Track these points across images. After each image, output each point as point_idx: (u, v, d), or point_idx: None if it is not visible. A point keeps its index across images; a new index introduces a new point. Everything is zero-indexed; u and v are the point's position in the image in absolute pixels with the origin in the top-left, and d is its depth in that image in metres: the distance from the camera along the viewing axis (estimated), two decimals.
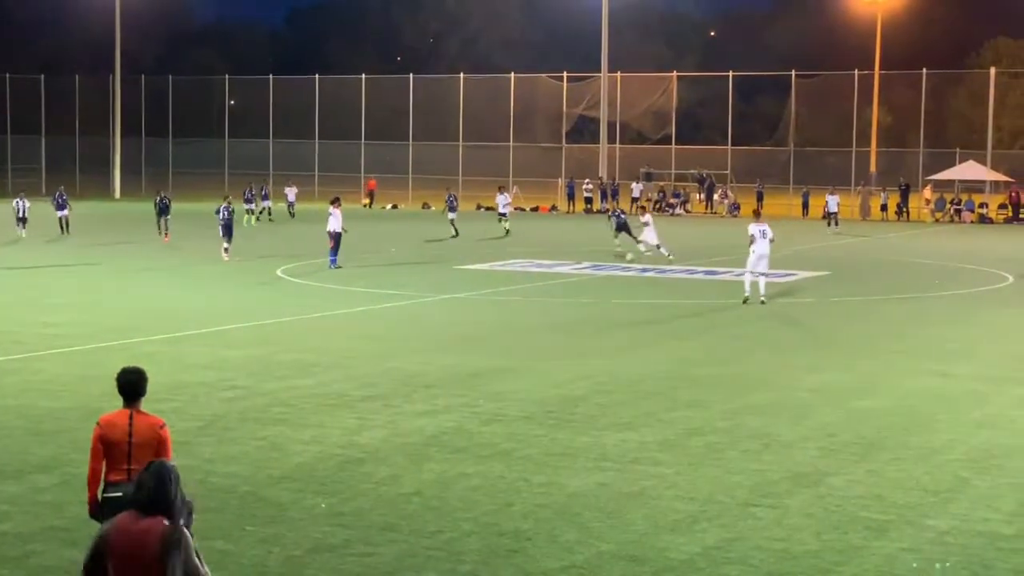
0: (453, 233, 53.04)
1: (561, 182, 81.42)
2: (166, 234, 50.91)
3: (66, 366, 22.02)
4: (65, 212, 53.63)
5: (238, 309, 30.12)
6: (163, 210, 52.23)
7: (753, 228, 31.13)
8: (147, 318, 28.06)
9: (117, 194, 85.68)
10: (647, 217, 45.17)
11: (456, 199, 57.33)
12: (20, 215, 52.37)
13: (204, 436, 16.74)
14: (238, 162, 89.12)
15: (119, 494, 9.48)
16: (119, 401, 9.97)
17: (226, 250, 41.74)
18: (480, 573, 11.47)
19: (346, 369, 22.00)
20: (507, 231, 54.12)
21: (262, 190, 65.22)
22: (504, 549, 12.13)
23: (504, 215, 56.32)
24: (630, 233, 44.64)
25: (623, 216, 46.34)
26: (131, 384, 9.88)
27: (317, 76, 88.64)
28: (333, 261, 39.62)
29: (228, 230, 42.12)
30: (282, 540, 12.34)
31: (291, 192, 68.66)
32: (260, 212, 63.13)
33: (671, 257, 42.51)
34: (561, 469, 15.18)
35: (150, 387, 10.01)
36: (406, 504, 13.68)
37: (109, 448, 9.76)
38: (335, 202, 41.16)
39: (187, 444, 16.12)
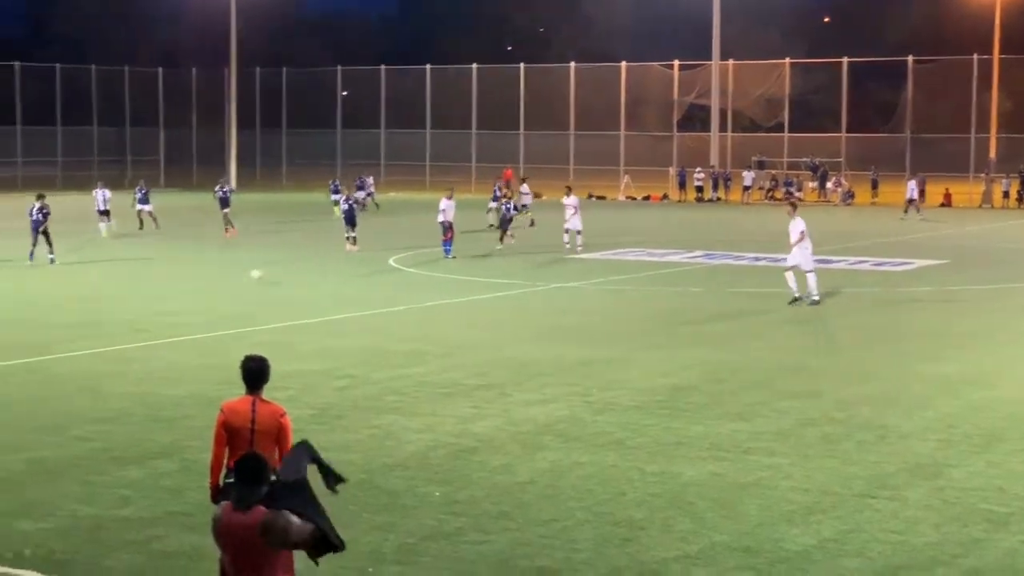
0: (491, 223, 51.48)
1: (672, 171, 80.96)
2: (227, 229, 48.46)
3: (184, 354, 22.37)
4: (148, 207, 50.69)
5: (351, 298, 30.39)
6: (224, 202, 49.53)
7: (803, 224, 29.75)
8: (261, 307, 28.41)
9: (232, 186, 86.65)
10: (571, 199, 43.13)
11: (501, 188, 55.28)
12: (101, 208, 47.89)
13: (318, 424, 16.91)
14: (351, 153, 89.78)
15: None
16: (236, 389, 10.12)
17: (350, 239, 41.64)
18: (594, 562, 11.47)
19: (459, 358, 22.10)
20: (532, 221, 52.90)
21: (358, 180, 65.12)
22: (618, 538, 12.11)
23: (526, 206, 55.28)
24: (505, 228, 43.42)
25: (511, 211, 44.07)
26: (255, 372, 9.96)
27: (428, 66, 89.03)
28: (447, 251, 39.77)
29: (350, 220, 42.17)
30: (396, 527, 12.43)
31: (369, 182, 68.11)
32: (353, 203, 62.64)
33: (578, 248, 41.87)
34: (674, 458, 15.13)
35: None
36: (520, 492, 13.71)
37: (232, 435, 9.85)
38: (448, 194, 41.28)
39: (301, 432, 16.14)
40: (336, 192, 60.78)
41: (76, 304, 29.10)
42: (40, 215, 37.33)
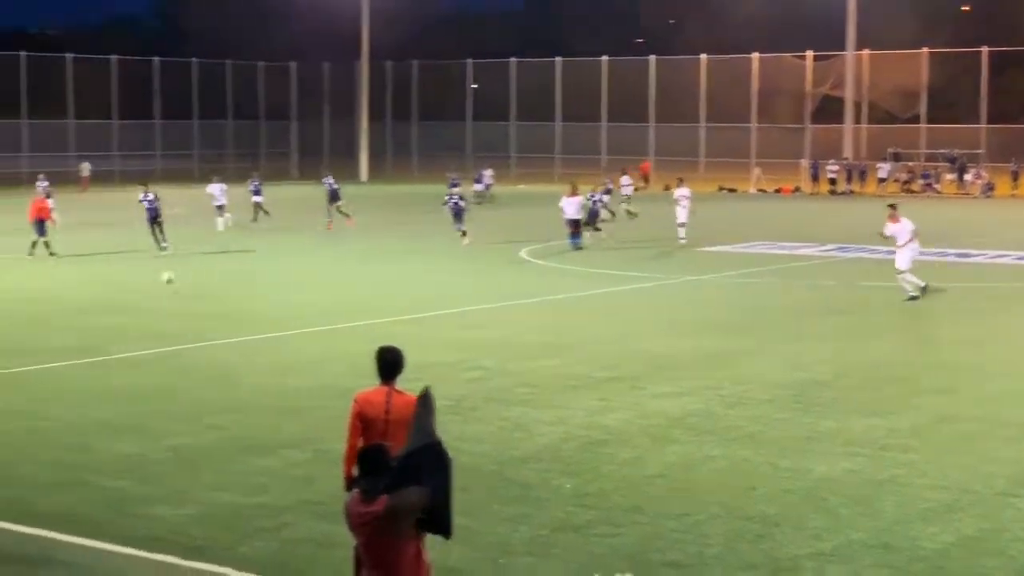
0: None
1: (804, 163, 79.97)
2: (329, 220, 47.78)
3: (315, 345, 22.61)
4: (260, 199, 50.48)
5: (482, 290, 30.49)
6: (333, 195, 48.87)
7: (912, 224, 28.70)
8: (392, 299, 28.62)
9: (364, 177, 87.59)
10: (682, 191, 42.69)
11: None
12: (218, 202, 47.64)
13: (450, 415, 16.93)
14: (480, 145, 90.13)
15: None
16: (366, 380, 10.14)
17: (461, 232, 41.83)
18: (726, 557, 11.33)
19: (590, 350, 22.03)
20: (631, 213, 52.17)
21: (477, 174, 65.11)
22: (751, 534, 11.94)
23: (627, 196, 54.53)
24: (460, 219, 41.70)
25: (460, 203, 42.30)
26: (390, 363, 9.93)
27: (558, 59, 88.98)
28: (575, 242, 39.69)
29: (458, 215, 42.19)
30: (527, 519, 12.41)
31: (487, 175, 67.97)
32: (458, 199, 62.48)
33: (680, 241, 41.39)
34: (807, 453, 14.90)
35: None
36: (650, 486, 13.61)
37: (367, 425, 9.81)
38: (569, 190, 40.91)
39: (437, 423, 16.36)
40: (454, 185, 61.13)
41: (206, 295, 29.55)
42: (152, 204, 37.85)
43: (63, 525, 12.12)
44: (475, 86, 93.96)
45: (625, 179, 57.18)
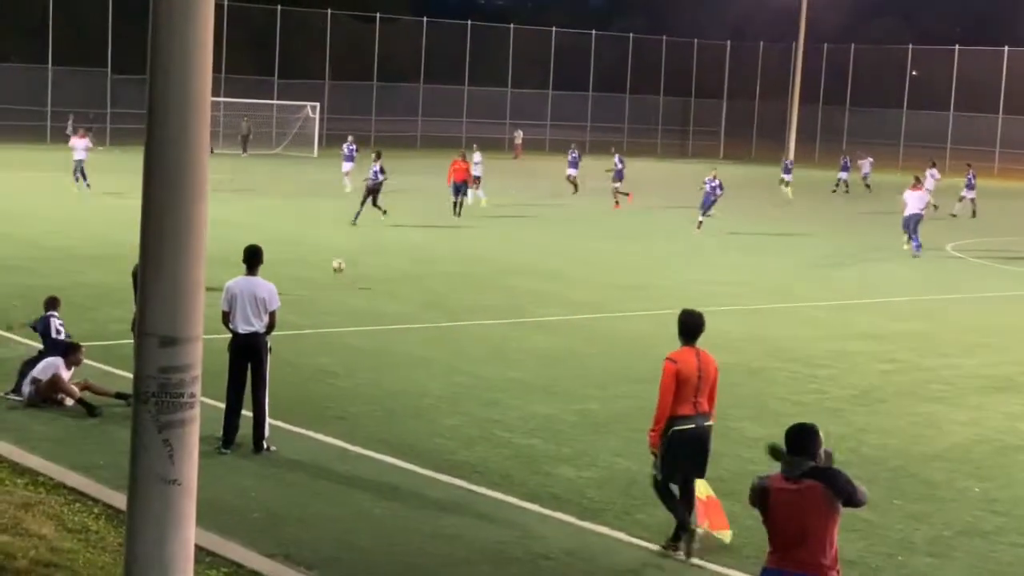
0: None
1: None
2: (617, 201, 45.45)
3: (730, 324, 22.58)
4: (574, 172, 48.61)
5: (905, 282, 29.65)
6: (618, 175, 46.25)
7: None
8: (804, 283, 28.27)
9: (790, 157, 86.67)
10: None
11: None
12: (347, 169, 46.07)
13: (859, 405, 16.65)
14: (915, 135, 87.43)
15: (692, 426, 10.65)
16: (777, 362, 10.10)
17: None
18: None
19: (1016, 352, 21.11)
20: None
21: (842, 160, 62.82)
22: None
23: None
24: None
25: (378, 178, 36.52)
26: (697, 326, 10.90)
27: (1005, 48, 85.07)
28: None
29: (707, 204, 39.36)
30: (930, 519, 12.06)
31: (866, 163, 64.91)
32: (837, 184, 60.37)
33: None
34: None
35: (811, 351, 10.08)
36: None
37: (681, 384, 10.59)
38: (912, 184, 38.25)
39: (840, 411, 16.12)
40: (845, 170, 59.76)
41: (617, 268, 29.97)
42: (377, 176, 37.73)
43: (474, 476, 12.67)
44: (914, 73, 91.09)
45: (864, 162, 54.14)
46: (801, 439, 7.65)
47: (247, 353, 13.28)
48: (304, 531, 11.02)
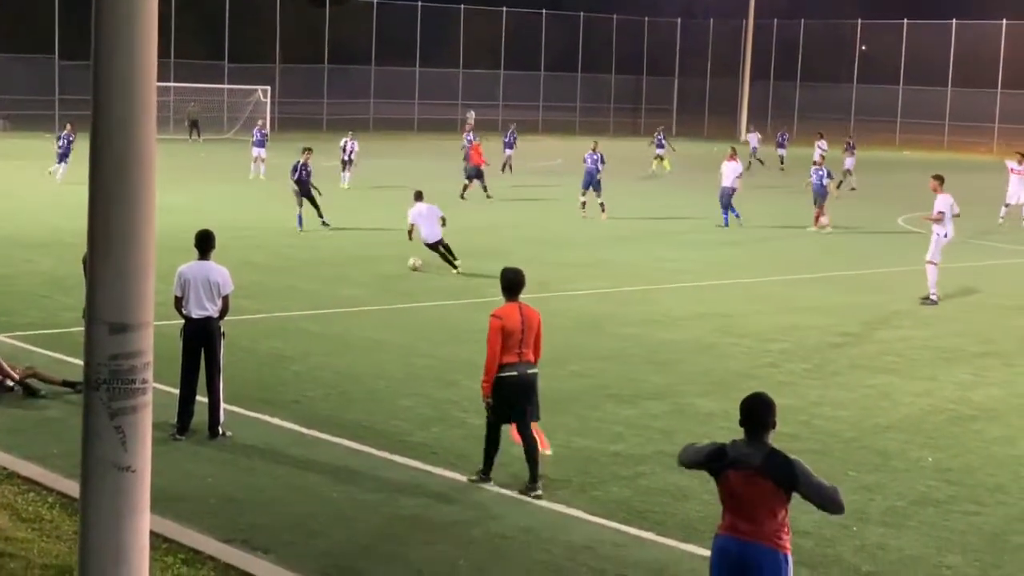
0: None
1: None
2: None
3: (682, 301, 22.70)
4: (260, 151, 45.23)
5: (855, 255, 29.84)
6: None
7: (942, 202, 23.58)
8: (758, 259, 28.42)
9: (742, 136, 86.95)
10: None
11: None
12: (346, 156, 43.05)
13: (811, 379, 16.76)
14: (864, 109, 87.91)
15: (515, 373, 11.58)
16: (730, 338, 10.13)
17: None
18: None
19: (966, 323, 21.33)
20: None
21: (778, 136, 62.46)
22: None
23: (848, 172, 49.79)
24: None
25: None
26: (518, 282, 11.92)
27: (954, 21, 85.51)
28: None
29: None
30: (884, 489, 12.16)
31: (754, 138, 63.38)
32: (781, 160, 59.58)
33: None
34: None
35: (763, 325, 10.14)
36: (1019, 466, 13.10)
37: (506, 336, 11.54)
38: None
39: (793, 385, 16.23)
40: (781, 146, 59.03)
41: (567, 244, 30.03)
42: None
43: (431, 457, 12.69)
44: (863, 48, 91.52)
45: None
46: (757, 410, 7.71)
47: (201, 337, 13.24)
48: (261, 516, 11.00)
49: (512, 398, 11.68)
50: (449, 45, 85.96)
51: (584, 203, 36.15)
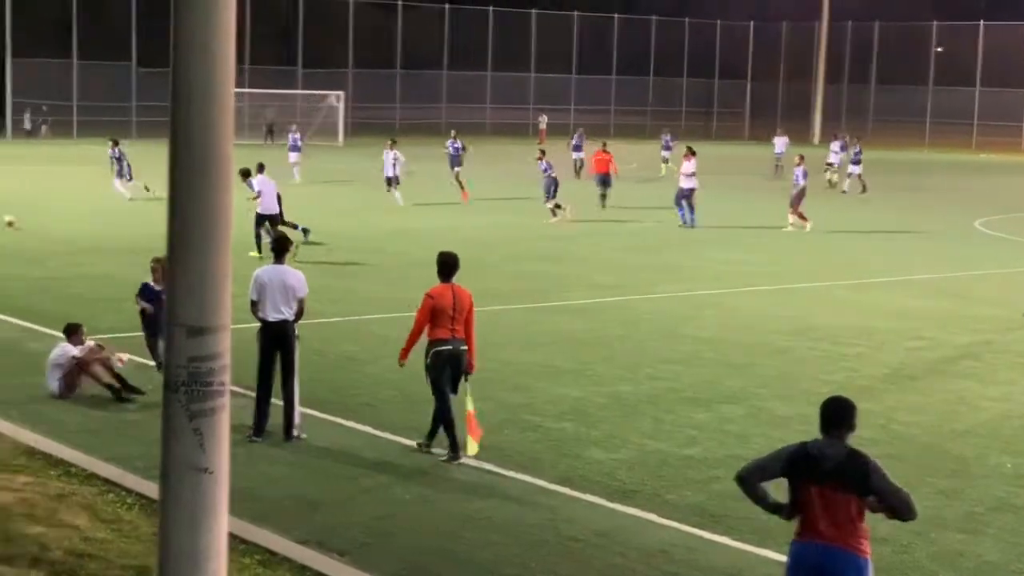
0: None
1: None
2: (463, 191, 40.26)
3: (757, 303, 22.58)
4: (295, 156, 46.52)
5: (929, 259, 29.53)
6: (455, 160, 43.66)
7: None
8: (828, 265, 28.18)
9: (816, 140, 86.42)
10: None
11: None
12: (390, 172, 39.19)
13: (888, 384, 16.61)
14: (941, 111, 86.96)
15: (449, 347, 12.67)
16: (801, 340, 10.06)
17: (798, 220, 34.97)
18: None
19: None
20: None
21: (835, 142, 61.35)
22: None
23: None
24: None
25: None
26: (452, 265, 12.80)
27: None
28: None
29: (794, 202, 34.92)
30: (962, 495, 12.02)
31: (780, 143, 61.66)
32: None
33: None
34: None
35: (836, 329, 10.08)
36: None
37: (437, 315, 12.60)
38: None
39: (871, 390, 16.07)
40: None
41: (642, 249, 29.96)
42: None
43: (504, 460, 12.70)
44: (940, 49, 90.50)
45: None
46: (838, 411, 7.69)
47: (277, 341, 13.34)
48: (336, 517, 11.07)
49: (446, 367, 12.76)
50: (521, 50, 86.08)
51: (553, 210, 35.17)
